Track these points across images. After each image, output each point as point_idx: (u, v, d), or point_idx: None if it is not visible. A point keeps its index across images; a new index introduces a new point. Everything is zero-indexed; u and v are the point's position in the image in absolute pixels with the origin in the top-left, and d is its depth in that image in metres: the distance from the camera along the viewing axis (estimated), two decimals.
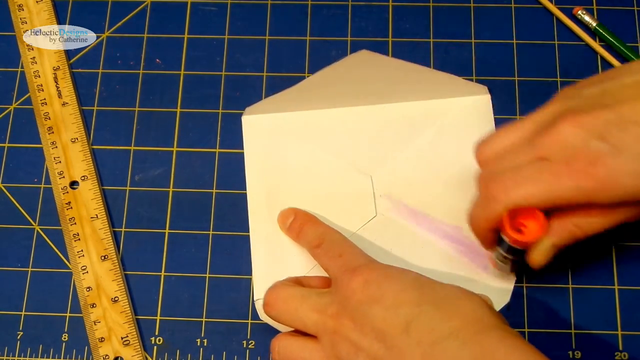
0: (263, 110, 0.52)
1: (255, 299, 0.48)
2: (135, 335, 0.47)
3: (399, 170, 0.50)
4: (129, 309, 0.47)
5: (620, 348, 0.46)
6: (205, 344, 0.47)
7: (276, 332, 0.47)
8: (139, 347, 0.47)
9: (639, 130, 0.37)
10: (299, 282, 0.45)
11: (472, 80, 0.52)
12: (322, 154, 0.50)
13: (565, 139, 0.38)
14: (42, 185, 0.51)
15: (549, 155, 0.39)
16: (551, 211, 0.40)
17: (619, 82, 0.39)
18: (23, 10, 0.55)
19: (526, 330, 0.46)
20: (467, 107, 0.51)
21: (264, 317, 0.47)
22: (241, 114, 0.52)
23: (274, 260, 0.48)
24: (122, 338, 0.47)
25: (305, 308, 0.41)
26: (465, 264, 0.47)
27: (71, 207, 0.50)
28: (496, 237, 0.42)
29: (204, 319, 0.48)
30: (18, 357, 0.47)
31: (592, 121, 0.38)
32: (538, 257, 0.41)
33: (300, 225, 0.47)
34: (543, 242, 0.41)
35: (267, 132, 0.51)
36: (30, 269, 0.49)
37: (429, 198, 0.49)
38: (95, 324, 0.47)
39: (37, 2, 0.56)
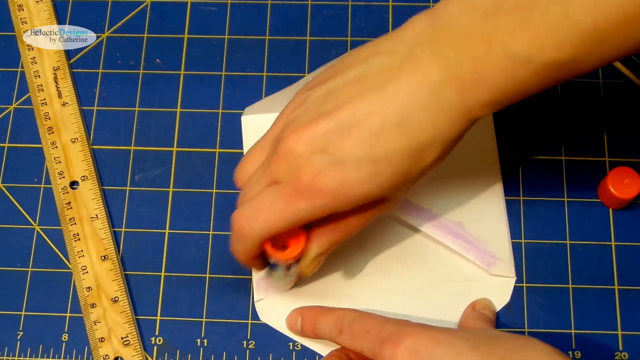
0: (262, 109, 0.52)
1: (255, 299, 0.48)
2: (135, 335, 0.47)
3: None
4: (129, 309, 0.47)
5: (620, 348, 0.46)
6: (205, 344, 0.47)
7: (276, 332, 0.47)
8: (139, 347, 0.47)
9: (360, 133, 0.36)
10: (343, 354, 0.42)
11: None
12: None
13: (288, 158, 0.37)
14: (42, 185, 0.51)
15: (279, 177, 0.38)
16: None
17: (342, 80, 0.37)
18: (23, 10, 0.55)
19: (526, 330, 0.46)
20: None
21: (264, 318, 0.47)
22: (241, 114, 0.52)
23: None
24: (122, 338, 0.47)
25: None
26: (469, 261, 0.47)
27: (71, 207, 0.50)
28: (263, 260, 0.42)
29: (204, 319, 0.48)
30: (18, 357, 0.47)
31: (313, 134, 0.36)
32: (306, 268, 0.41)
33: (311, 322, 0.44)
34: (308, 254, 0.40)
35: None
36: (30, 269, 0.49)
37: (431, 194, 0.49)
38: (95, 324, 0.47)
39: (37, 2, 0.56)
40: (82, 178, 0.51)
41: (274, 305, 0.47)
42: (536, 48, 0.32)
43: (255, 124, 0.52)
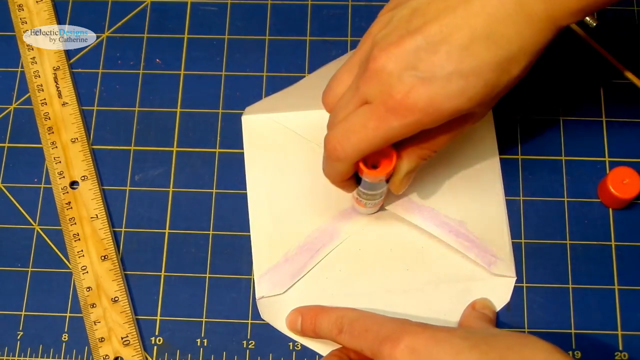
0: (263, 110, 0.52)
1: (257, 297, 0.48)
2: (135, 335, 0.47)
3: None
4: (129, 309, 0.47)
5: (620, 348, 0.46)
6: (205, 344, 0.47)
7: (276, 332, 0.47)
8: (139, 347, 0.47)
9: (449, 48, 0.36)
10: (343, 353, 0.42)
11: None
12: (322, 153, 0.50)
13: (379, 77, 0.37)
14: (42, 185, 0.51)
15: (370, 97, 0.38)
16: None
17: None
18: (23, 10, 0.55)
19: (526, 330, 0.46)
20: None
21: (265, 316, 0.47)
22: (241, 114, 0.52)
23: (275, 260, 0.48)
24: (122, 338, 0.47)
25: None
26: (469, 261, 0.47)
27: (71, 207, 0.50)
28: (355, 181, 0.43)
29: (204, 319, 0.48)
30: (18, 357, 0.47)
31: (402, 51, 0.37)
32: (397, 185, 0.42)
33: (311, 321, 0.44)
34: (399, 171, 0.41)
35: (267, 132, 0.51)
36: (30, 269, 0.49)
37: (433, 193, 0.49)
38: (95, 324, 0.47)
39: (37, 2, 0.56)
40: (82, 178, 0.51)
41: (275, 304, 0.47)
42: None
43: (255, 124, 0.52)
